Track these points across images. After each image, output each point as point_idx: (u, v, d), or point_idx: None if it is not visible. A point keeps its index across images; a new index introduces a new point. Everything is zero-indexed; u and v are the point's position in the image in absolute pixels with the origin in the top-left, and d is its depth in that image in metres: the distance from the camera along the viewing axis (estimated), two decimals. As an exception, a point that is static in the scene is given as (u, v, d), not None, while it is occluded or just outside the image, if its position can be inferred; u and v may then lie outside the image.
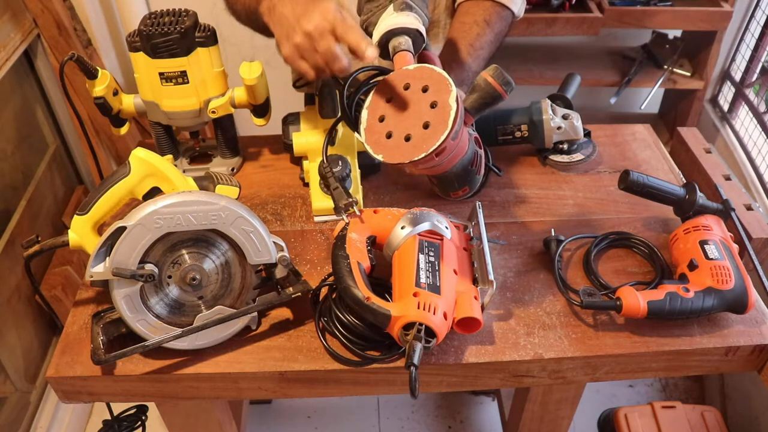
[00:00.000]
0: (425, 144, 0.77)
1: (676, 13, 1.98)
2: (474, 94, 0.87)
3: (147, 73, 1.08)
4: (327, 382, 0.91)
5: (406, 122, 0.80)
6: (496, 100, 0.85)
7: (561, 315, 0.95)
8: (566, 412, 1.25)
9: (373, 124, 0.83)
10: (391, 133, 0.82)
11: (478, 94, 0.86)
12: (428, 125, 0.78)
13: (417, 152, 0.77)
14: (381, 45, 0.90)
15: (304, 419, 1.87)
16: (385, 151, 0.80)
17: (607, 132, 1.34)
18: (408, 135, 0.79)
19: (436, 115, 0.77)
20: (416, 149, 0.78)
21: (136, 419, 1.15)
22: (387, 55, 0.90)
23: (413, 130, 0.79)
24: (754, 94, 2.07)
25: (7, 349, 1.59)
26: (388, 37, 0.89)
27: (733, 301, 0.90)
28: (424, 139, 0.77)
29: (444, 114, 0.76)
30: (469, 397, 1.91)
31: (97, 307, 0.97)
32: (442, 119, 0.77)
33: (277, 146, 1.30)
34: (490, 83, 0.84)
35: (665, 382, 1.96)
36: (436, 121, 0.77)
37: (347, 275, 0.86)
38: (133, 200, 0.92)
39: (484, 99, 0.86)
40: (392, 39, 0.89)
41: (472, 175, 0.91)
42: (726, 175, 1.15)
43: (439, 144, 0.76)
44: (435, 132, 0.77)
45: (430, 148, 0.76)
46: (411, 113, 0.80)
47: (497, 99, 0.85)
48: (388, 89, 0.84)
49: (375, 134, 0.83)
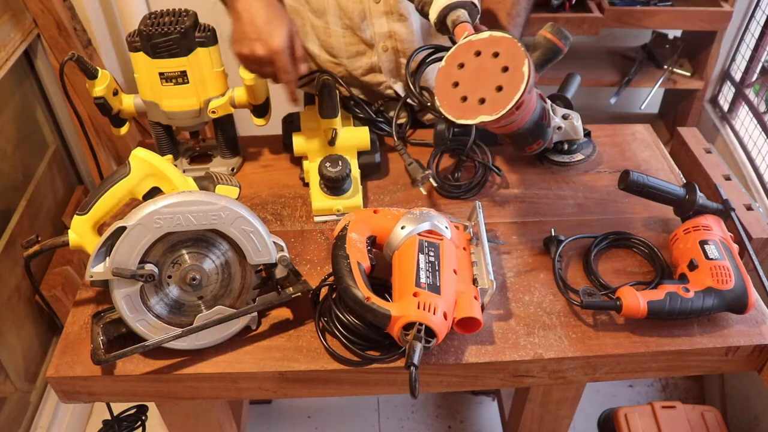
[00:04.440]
0: (502, 103, 0.80)
1: (676, 13, 1.98)
2: (536, 51, 0.96)
3: (147, 73, 1.08)
4: (327, 382, 0.91)
5: (480, 86, 0.82)
6: (557, 54, 0.96)
7: (561, 315, 0.95)
8: (566, 412, 1.25)
9: (447, 90, 0.85)
10: (465, 97, 0.83)
11: (540, 51, 0.96)
12: (501, 88, 0.80)
13: (495, 111, 0.80)
14: (439, 21, 0.95)
15: (304, 419, 1.87)
16: (462, 114, 0.83)
17: (607, 132, 1.34)
18: (482, 98, 0.82)
19: (509, 77, 0.80)
20: (494, 108, 0.80)
21: (136, 419, 1.16)
22: (446, 31, 0.95)
23: (487, 93, 0.81)
24: (754, 94, 2.07)
25: (7, 349, 1.59)
26: (445, 13, 0.93)
27: (733, 301, 0.90)
28: (499, 100, 0.80)
29: (517, 74, 0.79)
30: (469, 397, 1.91)
31: (97, 307, 0.97)
32: (515, 80, 0.79)
33: (277, 146, 1.30)
34: (550, 39, 0.95)
35: (665, 382, 1.96)
36: (509, 83, 0.80)
37: (347, 275, 0.86)
38: (133, 200, 0.92)
39: (546, 55, 0.96)
40: (450, 13, 0.93)
41: (543, 128, 0.94)
42: (726, 175, 1.15)
43: (516, 101, 0.79)
44: (509, 92, 0.79)
45: (507, 105, 0.79)
46: (483, 78, 0.82)
47: (558, 53, 0.96)
48: (458, 57, 0.86)
49: (450, 100, 0.85)
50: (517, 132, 0.90)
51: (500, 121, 0.81)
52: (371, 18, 1.21)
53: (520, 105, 0.80)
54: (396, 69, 1.29)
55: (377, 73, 1.30)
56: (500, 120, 0.80)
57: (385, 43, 1.24)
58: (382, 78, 1.30)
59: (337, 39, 1.25)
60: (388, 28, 1.22)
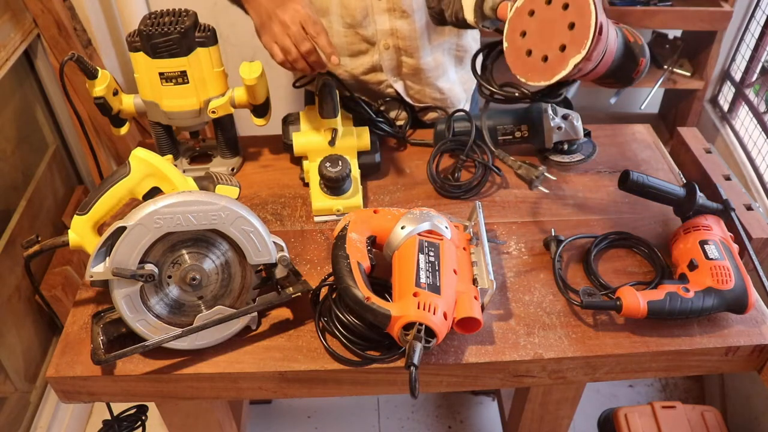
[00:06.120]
0: (560, 66, 0.79)
1: (676, 13, 1.98)
2: None
3: (147, 73, 1.08)
4: (327, 382, 0.91)
5: (545, 41, 0.81)
6: None
7: (561, 315, 0.95)
8: (566, 412, 1.25)
9: (514, 38, 0.84)
10: (531, 50, 0.82)
11: None
12: (564, 47, 0.79)
13: (552, 74, 0.79)
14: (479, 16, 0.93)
15: (304, 419, 1.87)
16: (524, 72, 0.83)
17: (607, 132, 1.34)
18: (545, 55, 0.80)
19: (573, 37, 0.78)
20: (552, 71, 0.79)
21: (136, 419, 1.15)
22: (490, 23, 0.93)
23: (550, 52, 0.80)
24: (754, 94, 2.07)
25: (7, 349, 1.59)
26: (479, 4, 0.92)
27: (733, 301, 0.90)
28: (559, 62, 0.79)
29: (582, 37, 0.77)
30: (469, 397, 1.91)
31: (97, 307, 0.97)
32: (578, 43, 0.77)
33: (277, 146, 1.30)
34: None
35: (665, 382, 1.96)
36: (572, 44, 0.78)
37: (347, 275, 0.86)
38: (133, 200, 0.92)
39: None
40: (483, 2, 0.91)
41: (635, 47, 0.90)
42: (726, 175, 1.15)
43: (572, 68, 0.77)
44: (569, 54, 0.78)
45: (563, 71, 0.78)
46: (551, 31, 0.80)
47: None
48: (531, 3, 0.84)
49: (516, 50, 0.84)
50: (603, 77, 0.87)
51: (590, 58, 0.78)
52: (373, 15, 1.21)
53: (589, 59, 0.77)
54: (397, 67, 1.29)
55: (378, 72, 1.30)
56: (590, 57, 0.77)
57: (386, 41, 1.24)
58: (383, 77, 1.30)
59: (339, 38, 1.25)
60: (390, 25, 1.22)
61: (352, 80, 1.32)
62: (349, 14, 1.22)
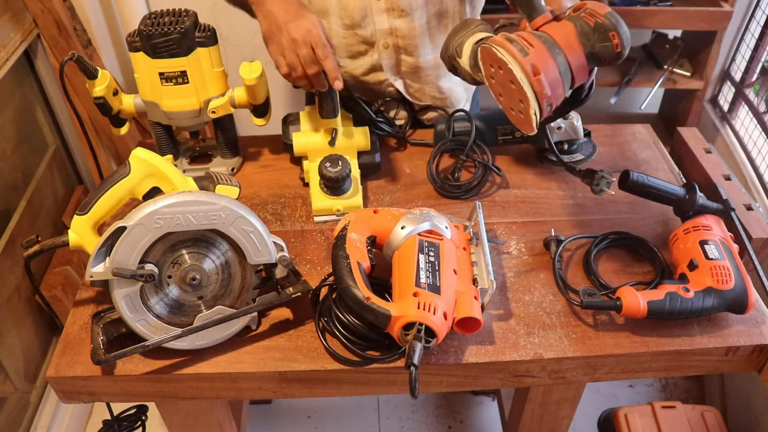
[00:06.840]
0: (529, 119, 0.82)
1: (676, 13, 1.98)
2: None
3: (147, 73, 1.08)
4: (327, 382, 0.91)
5: (511, 100, 0.85)
6: None
7: (561, 315, 0.95)
8: (566, 412, 1.25)
9: (498, 99, 0.89)
10: (510, 108, 0.86)
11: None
12: (522, 102, 0.82)
13: (531, 125, 0.82)
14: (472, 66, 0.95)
15: (304, 419, 1.87)
16: (517, 124, 0.87)
17: (607, 132, 1.34)
18: (519, 111, 0.84)
19: (520, 91, 0.81)
20: (529, 122, 0.82)
21: (136, 419, 1.15)
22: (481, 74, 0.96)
23: (518, 107, 0.84)
24: (754, 94, 2.07)
25: (7, 349, 1.59)
26: (475, 51, 0.93)
27: (733, 301, 0.90)
28: (526, 114, 0.82)
29: (523, 89, 0.80)
30: (469, 397, 1.91)
31: (97, 307, 0.97)
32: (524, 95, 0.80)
33: (277, 146, 1.30)
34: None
35: (665, 382, 1.96)
36: (523, 98, 0.81)
37: (347, 275, 0.86)
38: (133, 200, 0.92)
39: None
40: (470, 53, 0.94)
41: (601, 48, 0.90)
42: (726, 175, 1.15)
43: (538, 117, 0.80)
44: (527, 108, 0.81)
45: (534, 121, 0.81)
46: (509, 90, 0.84)
47: None
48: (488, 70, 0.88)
49: (504, 109, 0.88)
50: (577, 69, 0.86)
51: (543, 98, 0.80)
52: (372, 15, 1.21)
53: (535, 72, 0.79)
54: (396, 65, 1.29)
55: (378, 72, 1.30)
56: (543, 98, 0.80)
57: (386, 40, 1.24)
58: (383, 76, 1.30)
59: (338, 40, 1.25)
60: (389, 25, 1.22)
61: (353, 80, 1.32)
62: (347, 15, 1.22)
